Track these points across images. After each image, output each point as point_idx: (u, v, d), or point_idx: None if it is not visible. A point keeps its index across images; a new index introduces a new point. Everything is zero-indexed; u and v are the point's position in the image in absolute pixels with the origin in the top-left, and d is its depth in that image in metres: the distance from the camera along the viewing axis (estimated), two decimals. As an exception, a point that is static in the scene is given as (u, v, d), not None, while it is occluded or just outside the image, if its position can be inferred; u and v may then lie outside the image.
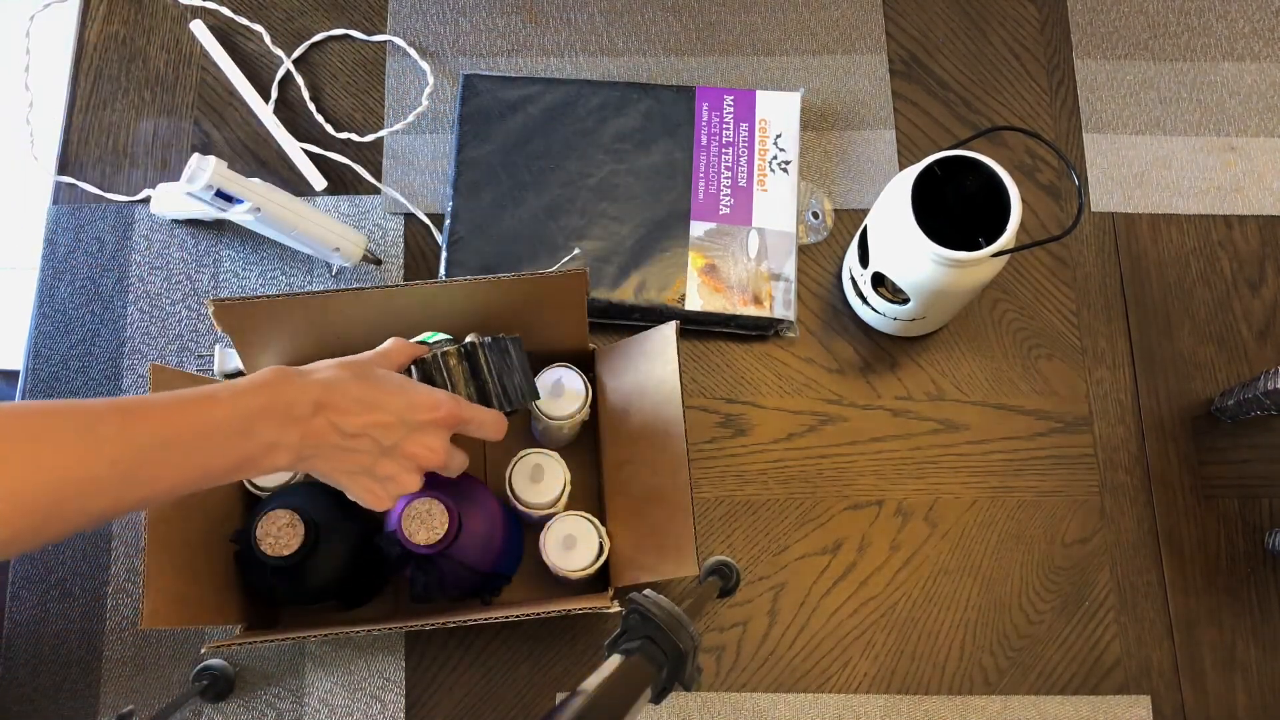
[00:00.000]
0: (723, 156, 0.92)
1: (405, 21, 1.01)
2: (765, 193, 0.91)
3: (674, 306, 0.88)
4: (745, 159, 0.92)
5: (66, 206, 0.95)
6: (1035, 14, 1.02)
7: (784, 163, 0.92)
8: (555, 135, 0.92)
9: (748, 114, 0.93)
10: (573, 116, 0.93)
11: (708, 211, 0.91)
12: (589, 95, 0.93)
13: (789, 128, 0.93)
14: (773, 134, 0.92)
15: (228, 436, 0.53)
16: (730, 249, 0.90)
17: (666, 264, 0.89)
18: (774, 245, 0.90)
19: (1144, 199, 0.96)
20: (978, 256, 0.74)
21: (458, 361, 0.67)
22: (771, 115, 0.93)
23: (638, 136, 0.92)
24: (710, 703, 0.83)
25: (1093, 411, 0.91)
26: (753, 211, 0.91)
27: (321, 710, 0.82)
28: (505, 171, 0.91)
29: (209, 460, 0.52)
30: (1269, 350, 0.92)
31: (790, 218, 0.91)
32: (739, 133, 0.92)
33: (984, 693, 0.84)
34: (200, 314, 0.92)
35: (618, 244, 0.90)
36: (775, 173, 0.91)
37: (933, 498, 0.88)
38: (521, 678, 0.83)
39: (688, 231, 0.90)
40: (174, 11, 1.00)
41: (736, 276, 0.89)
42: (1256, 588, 0.86)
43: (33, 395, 0.89)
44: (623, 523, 0.79)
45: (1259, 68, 1.00)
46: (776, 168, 0.91)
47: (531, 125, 0.92)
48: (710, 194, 0.91)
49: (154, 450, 0.50)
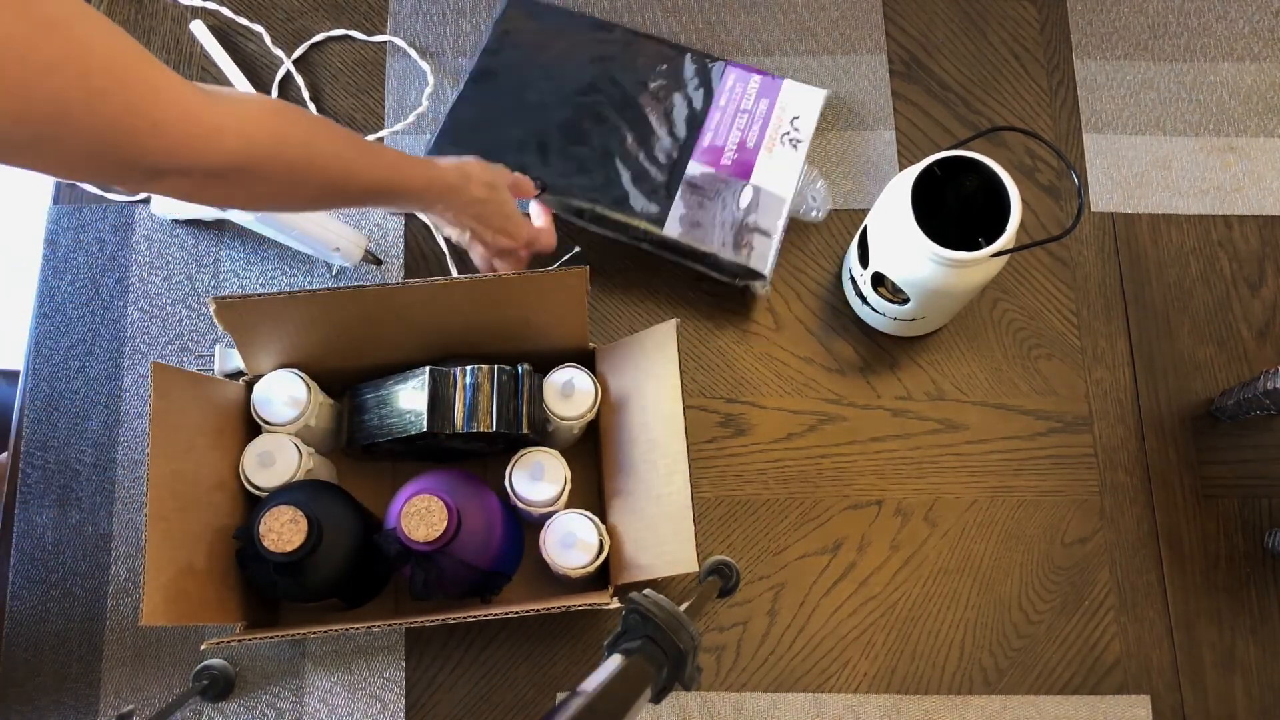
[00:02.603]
0: (737, 119, 0.92)
1: (405, 22, 1.01)
2: (770, 156, 0.91)
3: (652, 230, 0.88)
4: (759, 127, 0.92)
5: (67, 206, 0.95)
6: (1035, 14, 1.02)
7: (795, 140, 0.92)
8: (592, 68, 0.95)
9: (770, 94, 0.94)
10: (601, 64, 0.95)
11: (709, 158, 0.91)
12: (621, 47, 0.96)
13: (808, 115, 0.93)
14: (789, 115, 0.93)
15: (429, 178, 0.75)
16: (722, 195, 0.90)
17: (655, 186, 0.90)
18: (766, 204, 0.89)
19: (1144, 199, 0.96)
20: (978, 256, 0.74)
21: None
22: (793, 102, 0.94)
23: (657, 90, 0.94)
24: (710, 703, 0.83)
25: (1092, 411, 0.91)
26: (754, 170, 0.91)
27: (321, 710, 0.82)
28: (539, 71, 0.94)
29: (410, 173, 0.72)
30: (1269, 350, 0.92)
31: (789, 187, 0.90)
32: (758, 105, 0.93)
33: (984, 692, 0.84)
34: (200, 314, 0.92)
35: (610, 159, 0.91)
36: (784, 146, 0.91)
37: (932, 497, 0.88)
38: (521, 678, 0.83)
39: (685, 167, 0.91)
40: (174, 11, 1.00)
41: (721, 219, 0.89)
42: (1256, 588, 0.86)
43: (33, 395, 0.89)
44: (623, 521, 0.79)
45: (1259, 68, 1.00)
46: (787, 142, 0.91)
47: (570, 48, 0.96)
48: (715, 147, 0.91)
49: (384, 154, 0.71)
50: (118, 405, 0.89)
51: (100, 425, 0.89)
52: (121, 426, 0.89)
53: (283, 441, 0.78)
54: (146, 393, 0.88)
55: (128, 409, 0.89)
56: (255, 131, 0.57)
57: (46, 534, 0.86)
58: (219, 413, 0.79)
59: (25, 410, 0.89)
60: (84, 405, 0.89)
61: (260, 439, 0.79)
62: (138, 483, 0.87)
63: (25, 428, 0.89)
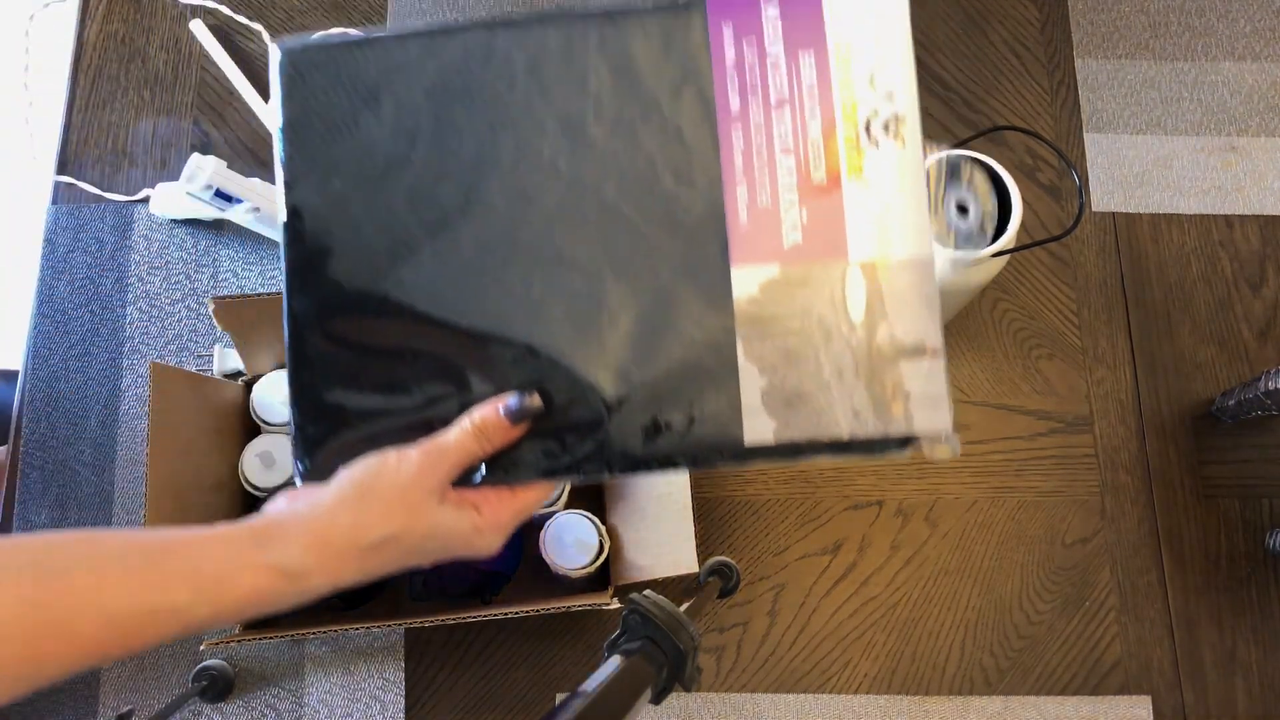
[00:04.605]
0: (774, 127, 0.49)
1: (405, 20, 1.01)
2: (864, 187, 0.48)
3: (723, 441, 0.48)
4: (817, 125, 0.48)
5: (66, 206, 0.95)
6: (1036, 14, 1.02)
7: (892, 119, 0.48)
8: (452, 136, 0.50)
9: (810, 33, 0.49)
10: (482, 95, 0.50)
11: (759, 244, 0.48)
12: (507, 48, 0.50)
13: (892, 51, 0.48)
14: (861, 70, 0.48)
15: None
16: (814, 313, 0.48)
17: (693, 364, 0.49)
18: (897, 292, 0.49)
19: (1144, 199, 0.96)
20: (978, 256, 0.74)
21: None
22: (855, 28, 0.48)
23: (607, 111, 0.49)
24: (710, 703, 0.83)
25: (1093, 411, 0.90)
26: (845, 228, 0.48)
27: (321, 710, 0.82)
28: (371, 222, 0.50)
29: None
30: (1269, 350, 0.92)
31: (920, 224, 0.48)
32: (795, 77, 0.49)
33: (984, 693, 0.84)
34: (200, 314, 0.92)
35: (595, 333, 0.49)
36: (878, 142, 0.48)
37: (933, 498, 0.88)
38: (521, 678, 0.83)
39: (728, 291, 0.49)
40: (174, 11, 1.00)
41: (831, 367, 0.48)
42: (1257, 587, 0.86)
43: (32, 395, 0.89)
44: (623, 522, 0.79)
45: (1260, 67, 1.00)
46: (880, 131, 0.48)
47: (409, 123, 0.50)
48: (760, 208, 0.48)
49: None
50: (116, 405, 0.89)
51: (99, 425, 0.89)
52: (120, 427, 0.89)
53: (282, 442, 0.78)
54: (145, 393, 0.88)
55: (126, 409, 0.89)
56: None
57: (45, 534, 0.86)
58: (218, 413, 0.79)
59: (24, 410, 0.89)
60: (83, 405, 0.89)
61: (260, 439, 0.79)
62: (136, 483, 0.87)
63: (24, 428, 0.89)
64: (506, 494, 0.49)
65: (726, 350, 0.49)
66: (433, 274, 0.50)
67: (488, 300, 0.50)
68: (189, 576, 0.42)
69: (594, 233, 0.49)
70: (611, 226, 0.49)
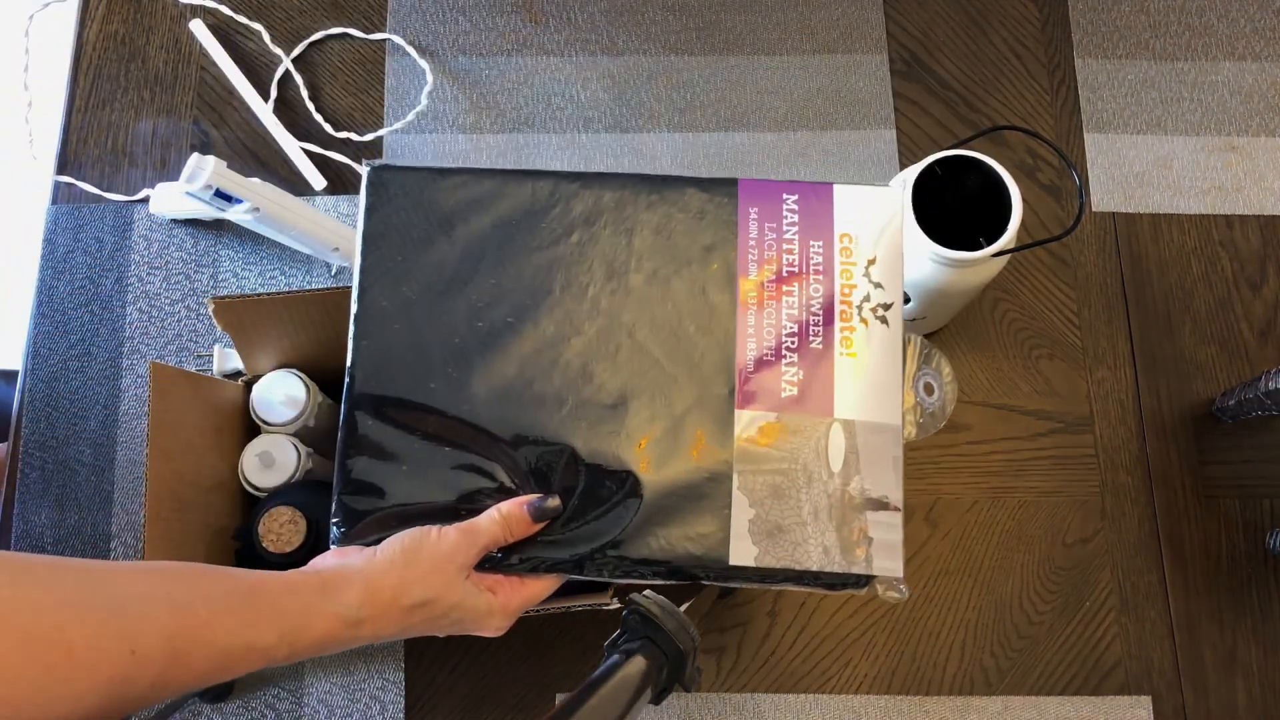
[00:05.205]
0: (784, 299, 0.58)
1: (405, 20, 1.01)
2: (852, 359, 0.58)
3: (710, 559, 0.56)
4: (819, 302, 0.58)
5: (66, 206, 0.94)
6: (1036, 13, 1.02)
7: (882, 306, 0.58)
8: (512, 264, 0.59)
9: (820, 224, 0.59)
10: (543, 234, 0.59)
11: (762, 393, 0.57)
12: (570, 197, 0.60)
13: (887, 247, 0.59)
14: (862, 257, 0.59)
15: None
16: (800, 459, 0.57)
17: (695, 488, 0.57)
18: (870, 450, 0.57)
19: (1145, 199, 0.96)
20: (978, 256, 0.74)
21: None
22: (858, 225, 0.59)
23: (646, 263, 0.59)
24: (710, 703, 0.83)
25: (1094, 412, 0.90)
26: (834, 392, 0.57)
27: (321, 711, 0.82)
28: (431, 327, 0.58)
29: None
30: (1270, 350, 0.92)
31: (894, 400, 0.58)
32: (807, 256, 0.59)
33: (984, 693, 0.84)
34: (199, 314, 0.92)
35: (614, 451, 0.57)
36: (868, 323, 0.58)
37: (933, 498, 0.88)
38: (521, 678, 0.83)
39: (731, 430, 0.57)
40: (173, 11, 1.00)
41: (810, 507, 0.56)
42: (1257, 588, 0.86)
43: (32, 395, 0.89)
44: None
45: (1260, 67, 1.00)
46: (870, 314, 0.58)
47: (476, 248, 0.59)
48: (764, 362, 0.58)
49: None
50: (116, 405, 0.89)
51: (99, 425, 0.89)
52: (120, 427, 0.89)
53: (282, 442, 0.78)
54: (145, 393, 0.88)
55: (126, 409, 0.89)
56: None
57: (45, 534, 0.86)
58: (218, 413, 0.79)
59: (24, 410, 0.89)
60: (82, 405, 0.89)
61: (259, 439, 0.79)
62: (136, 483, 0.87)
63: (24, 427, 0.89)
64: (518, 582, 0.57)
65: (724, 480, 0.56)
66: (479, 380, 0.58)
67: (525, 409, 0.57)
68: (275, 620, 0.47)
69: (624, 364, 0.58)
70: (639, 360, 0.58)
